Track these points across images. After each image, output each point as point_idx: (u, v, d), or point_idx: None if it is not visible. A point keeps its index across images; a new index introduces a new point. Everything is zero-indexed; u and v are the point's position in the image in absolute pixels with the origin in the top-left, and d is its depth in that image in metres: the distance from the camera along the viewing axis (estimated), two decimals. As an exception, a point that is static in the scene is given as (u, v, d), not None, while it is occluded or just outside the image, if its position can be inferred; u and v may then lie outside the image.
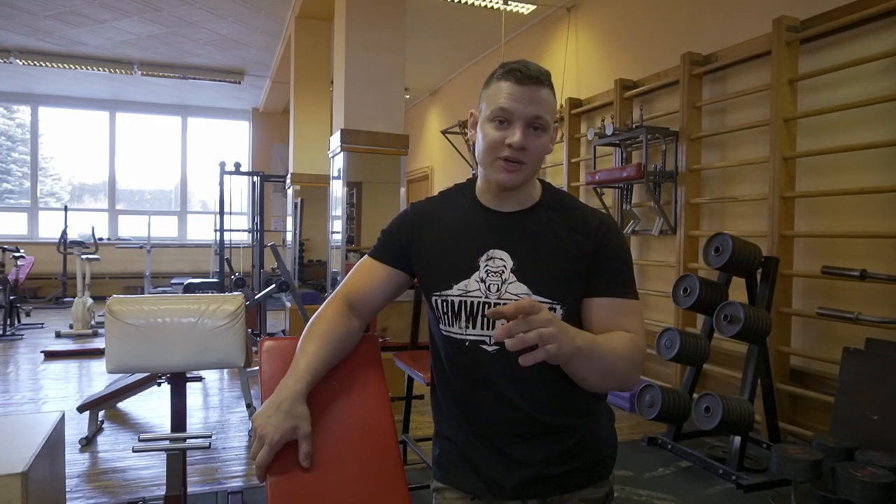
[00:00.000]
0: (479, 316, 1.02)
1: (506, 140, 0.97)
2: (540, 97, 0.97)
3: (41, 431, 1.77)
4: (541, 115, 0.97)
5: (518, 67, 0.97)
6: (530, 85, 0.97)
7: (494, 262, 1.03)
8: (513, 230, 1.05)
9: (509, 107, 0.96)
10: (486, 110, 1.00)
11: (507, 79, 0.97)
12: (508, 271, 1.02)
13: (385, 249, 1.13)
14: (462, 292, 1.03)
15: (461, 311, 1.03)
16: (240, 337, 1.86)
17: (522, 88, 0.96)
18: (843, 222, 3.08)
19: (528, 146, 0.97)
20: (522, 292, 1.01)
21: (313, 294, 5.89)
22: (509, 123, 0.97)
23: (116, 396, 3.37)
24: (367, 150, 4.08)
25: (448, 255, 1.06)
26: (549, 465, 1.02)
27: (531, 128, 0.98)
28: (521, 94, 0.96)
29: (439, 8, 5.61)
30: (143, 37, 6.84)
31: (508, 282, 1.01)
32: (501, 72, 0.99)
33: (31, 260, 7.48)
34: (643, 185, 4.19)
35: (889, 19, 2.88)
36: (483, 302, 1.02)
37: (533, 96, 0.97)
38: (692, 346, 3.05)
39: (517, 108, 0.96)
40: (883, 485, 2.09)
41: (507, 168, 0.99)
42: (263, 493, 1.02)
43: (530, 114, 0.97)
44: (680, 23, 4.18)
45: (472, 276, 1.03)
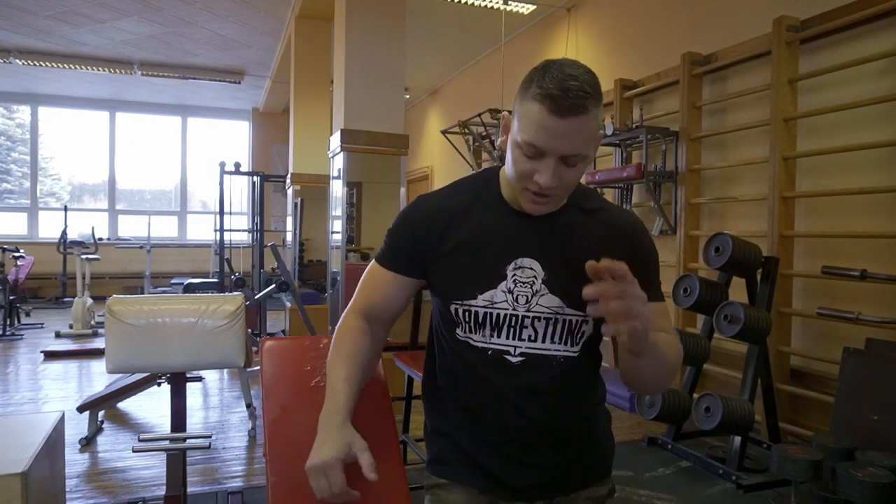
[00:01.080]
0: (504, 326, 0.96)
1: (534, 176, 0.88)
2: (579, 129, 0.84)
3: (41, 431, 1.77)
4: (577, 152, 0.86)
5: (556, 93, 0.82)
6: (569, 116, 0.83)
7: (524, 271, 0.96)
8: (543, 236, 0.97)
9: (541, 144, 0.85)
10: (517, 132, 0.88)
11: (543, 103, 0.83)
12: (539, 282, 0.95)
13: (397, 257, 1.03)
14: (487, 303, 0.96)
15: (486, 321, 0.97)
16: (240, 337, 1.86)
17: (559, 121, 0.83)
18: (843, 222, 3.08)
19: (561, 180, 0.88)
20: (555, 305, 0.95)
21: (313, 294, 5.90)
22: (541, 156, 0.87)
23: (116, 396, 3.37)
24: (367, 150, 4.08)
25: (471, 263, 0.97)
26: (558, 468, 1.01)
27: (565, 163, 0.87)
28: (557, 127, 0.83)
29: (439, 8, 5.61)
30: (143, 37, 6.84)
31: (540, 293, 0.95)
32: (538, 92, 0.84)
33: (31, 260, 7.48)
34: (643, 185, 4.19)
35: (889, 19, 2.88)
36: (510, 314, 0.96)
37: (571, 129, 0.84)
38: (692, 346, 3.05)
39: (550, 145, 0.85)
40: (883, 485, 2.09)
41: (535, 200, 0.91)
42: (263, 493, 1.02)
43: (565, 151, 0.86)
44: (680, 23, 4.18)
45: (499, 286, 0.96)
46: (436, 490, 1.06)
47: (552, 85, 0.83)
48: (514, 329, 0.96)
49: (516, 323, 0.96)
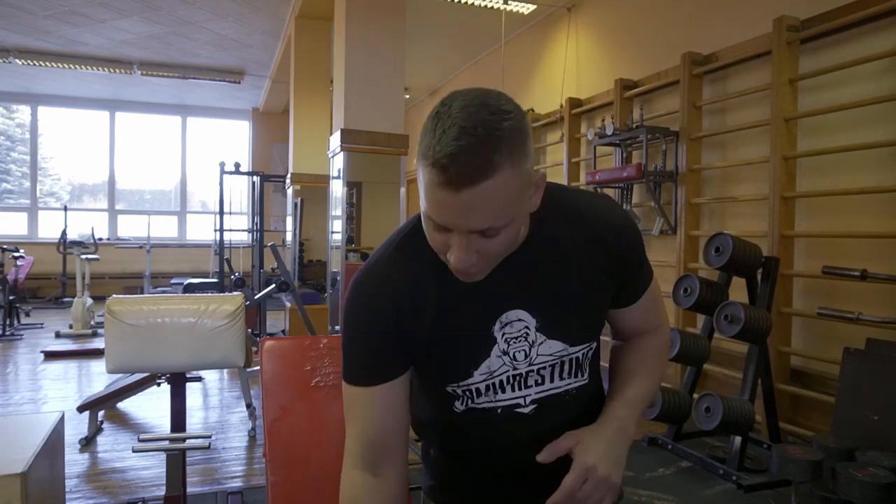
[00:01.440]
0: (507, 385, 0.87)
1: (447, 255, 0.74)
2: (484, 201, 0.67)
3: (41, 432, 1.77)
4: (487, 226, 0.69)
5: (444, 161, 0.65)
6: (465, 189, 0.65)
7: (513, 326, 0.84)
8: (519, 279, 0.83)
9: (440, 220, 0.70)
10: (421, 201, 0.72)
11: (432, 172, 0.67)
12: (534, 331, 0.85)
13: (376, 366, 0.85)
14: (486, 375, 0.86)
15: (488, 390, 0.87)
16: (240, 337, 1.86)
17: (454, 195, 0.66)
18: (843, 222, 3.08)
19: (481, 253, 0.73)
20: (557, 350, 0.86)
21: (313, 294, 5.90)
22: (448, 231, 0.72)
23: (116, 396, 3.37)
24: (367, 150, 4.08)
25: (455, 340, 0.84)
26: None
27: (482, 235, 0.71)
28: (454, 201, 0.67)
29: (439, 8, 5.61)
30: (143, 37, 6.83)
31: (538, 343, 0.85)
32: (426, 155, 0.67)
33: (31, 260, 7.48)
34: (643, 185, 4.19)
35: (889, 19, 2.87)
36: (512, 374, 0.86)
37: (472, 202, 0.66)
38: (692, 346, 3.05)
39: (451, 222, 0.69)
40: (883, 485, 2.08)
41: (458, 273, 0.77)
42: (263, 493, 1.01)
43: (471, 228, 0.69)
44: (680, 23, 4.18)
45: (493, 352, 0.85)
46: None
47: (439, 149, 0.66)
48: (520, 383, 0.87)
49: (520, 379, 0.87)
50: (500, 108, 0.68)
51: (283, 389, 1.27)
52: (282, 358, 1.18)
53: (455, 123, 0.66)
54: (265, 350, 1.21)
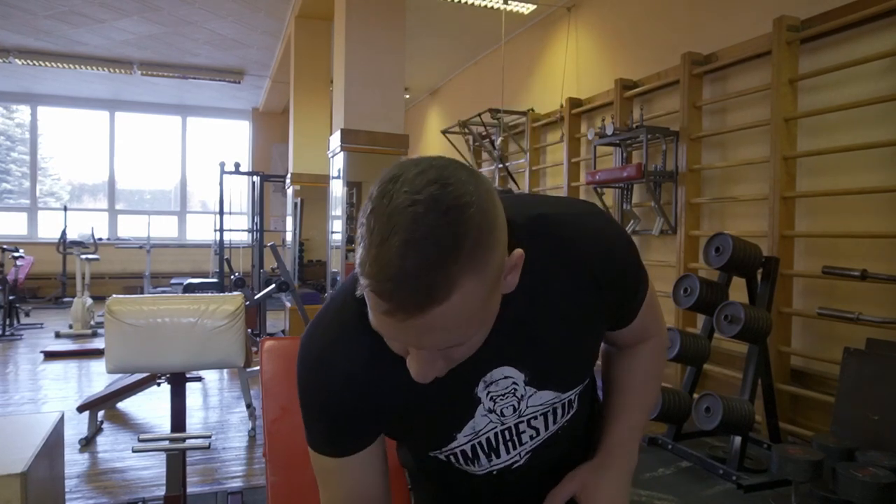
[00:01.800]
0: (500, 445, 0.79)
1: (407, 362, 0.62)
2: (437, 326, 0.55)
3: (40, 432, 1.77)
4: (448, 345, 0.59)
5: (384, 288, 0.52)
6: (411, 318, 0.53)
7: (499, 384, 0.75)
8: (505, 331, 0.69)
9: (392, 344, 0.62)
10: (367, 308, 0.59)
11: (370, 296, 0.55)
12: (522, 386, 0.76)
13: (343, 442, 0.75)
14: (471, 435, 0.78)
15: (477, 452, 0.79)
16: (240, 337, 1.86)
17: (400, 324, 0.55)
18: (843, 222, 3.08)
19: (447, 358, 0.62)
20: (548, 399, 0.78)
21: (313, 294, 5.90)
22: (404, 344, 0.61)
23: (116, 396, 3.37)
24: (367, 150, 4.08)
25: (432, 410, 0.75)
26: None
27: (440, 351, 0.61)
28: (400, 330, 0.56)
29: (439, 8, 5.61)
30: (143, 36, 6.84)
31: (527, 396, 0.77)
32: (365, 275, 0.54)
33: (31, 260, 7.48)
34: (643, 185, 4.19)
35: (889, 19, 2.87)
36: (501, 430, 0.78)
37: (423, 328, 0.55)
38: (692, 346, 3.05)
39: (405, 342, 0.59)
40: (884, 485, 2.08)
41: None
42: (263, 493, 1.01)
43: (430, 348, 0.59)
44: (680, 23, 4.18)
45: (477, 412, 0.76)
46: None
47: (377, 269, 0.52)
48: (512, 441, 0.80)
49: (512, 434, 0.79)
50: (458, 199, 0.53)
51: (283, 389, 1.28)
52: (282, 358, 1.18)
53: (397, 231, 0.51)
54: (265, 350, 1.22)
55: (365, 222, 0.55)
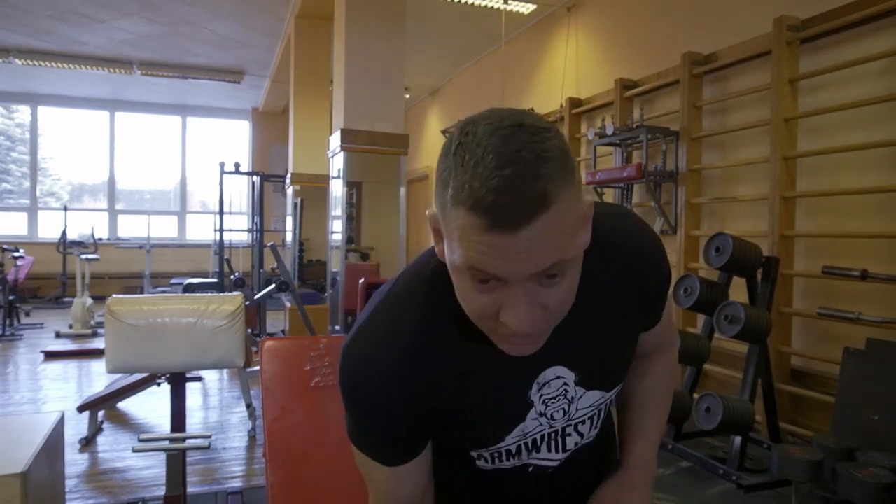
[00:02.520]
0: (542, 444, 0.78)
1: (500, 316, 0.58)
2: (541, 241, 0.53)
3: (40, 432, 1.77)
4: (552, 261, 0.55)
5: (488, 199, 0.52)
6: (520, 228, 0.52)
7: (551, 385, 0.74)
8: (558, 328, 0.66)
9: (489, 269, 0.55)
10: (451, 249, 0.57)
11: (475, 215, 0.53)
12: (573, 387, 0.75)
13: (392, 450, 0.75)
14: (519, 437, 0.76)
15: (521, 450, 0.78)
16: (240, 337, 1.86)
17: (507, 237, 0.53)
18: (843, 222, 3.08)
19: (544, 309, 0.59)
20: (596, 401, 0.79)
21: (313, 294, 5.90)
22: (497, 283, 0.57)
23: (116, 396, 3.37)
24: (367, 150, 4.08)
25: (483, 413, 0.73)
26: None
27: (540, 284, 0.57)
28: (507, 246, 0.53)
29: (439, 8, 5.61)
30: (143, 36, 6.84)
31: (577, 398, 0.76)
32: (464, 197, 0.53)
33: (31, 260, 7.48)
34: (643, 184, 4.19)
35: (889, 19, 2.87)
36: (548, 433, 0.78)
37: (529, 244, 0.53)
38: (692, 346, 3.05)
39: (506, 270, 0.55)
40: (884, 485, 2.08)
41: (513, 342, 0.62)
42: (263, 493, 1.01)
43: (532, 272, 0.55)
44: (680, 23, 4.18)
45: (528, 416, 0.75)
46: None
47: (478, 184, 0.52)
48: (557, 443, 0.79)
49: (558, 436, 0.79)
50: (539, 126, 0.55)
51: (283, 389, 1.28)
52: (282, 358, 1.18)
53: (490, 151, 0.53)
54: (265, 350, 1.22)
55: (452, 161, 0.55)
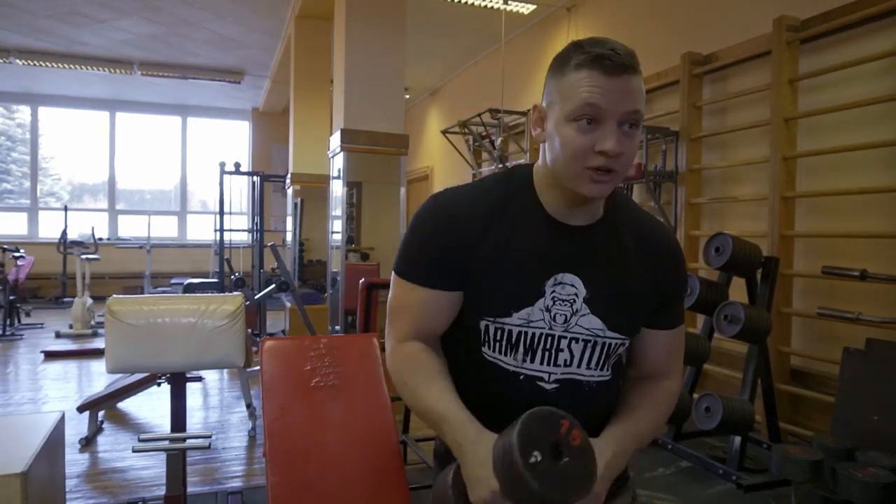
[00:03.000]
0: (539, 349, 0.88)
1: (596, 147, 0.79)
2: (634, 86, 0.79)
3: (41, 431, 1.77)
4: (636, 107, 0.80)
5: (606, 54, 0.78)
6: (623, 75, 0.78)
7: (564, 288, 0.87)
8: (585, 250, 0.88)
9: (601, 102, 0.78)
10: (565, 107, 0.81)
11: (592, 67, 0.78)
12: (580, 301, 0.87)
13: (435, 272, 0.89)
14: (524, 322, 0.87)
15: (519, 342, 0.88)
16: (240, 337, 1.86)
17: (614, 80, 0.78)
18: (843, 222, 3.08)
19: (624, 150, 0.80)
20: (595, 327, 0.88)
21: (313, 294, 5.90)
22: (598, 124, 0.79)
23: (116, 396, 3.37)
24: (367, 150, 4.08)
25: (507, 277, 0.87)
26: None
27: (625, 126, 0.80)
28: (613, 86, 0.78)
29: (439, 8, 5.61)
30: (143, 37, 6.84)
31: (580, 313, 0.88)
32: (583, 58, 0.79)
33: (31, 260, 7.47)
34: (643, 185, 4.19)
35: (889, 19, 2.87)
36: (546, 334, 0.88)
37: (627, 88, 0.79)
38: (692, 346, 3.05)
39: (610, 105, 0.78)
40: (884, 485, 2.08)
41: (597, 178, 0.81)
42: (263, 493, 1.02)
43: (626, 109, 0.79)
44: (680, 23, 4.18)
45: (537, 303, 0.87)
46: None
47: (599, 49, 0.79)
48: (550, 353, 0.88)
49: (552, 345, 0.88)
50: None
51: (283, 389, 1.27)
52: (282, 358, 1.18)
53: (598, 39, 0.80)
54: (265, 350, 1.22)
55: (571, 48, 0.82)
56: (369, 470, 1.09)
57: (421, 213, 0.91)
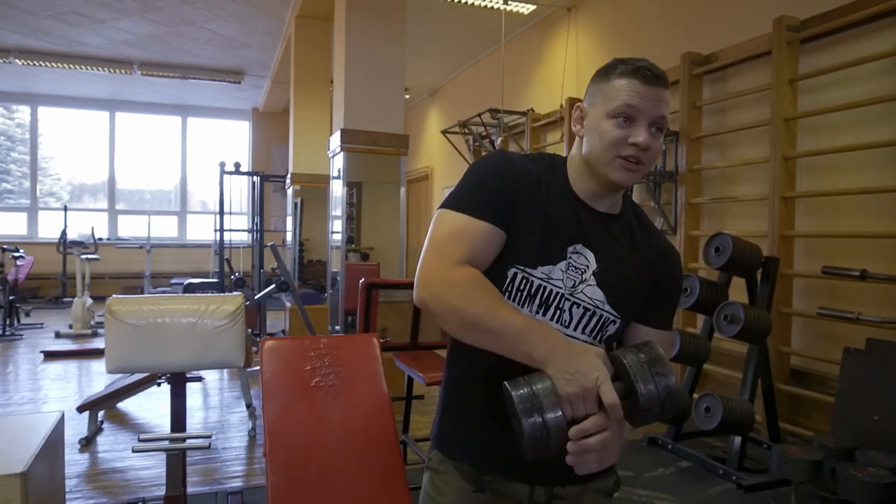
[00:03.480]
0: (552, 306, 0.99)
1: (629, 139, 0.95)
2: (664, 97, 0.98)
3: (41, 432, 1.77)
4: (665, 114, 0.97)
5: (646, 66, 0.96)
6: (658, 86, 0.96)
7: (580, 258, 1.00)
8: (601, 232, 1.02)
9: (638, 104, 0.95)
10: (607, 106, 0.97)
11: (633, 77, 0.96)
12: (590, 272, 1.00)
13: (490, 206, 0.98)
14: (545, 277, 0.99)
15: (537, 294, 0.99)
16: (240, 337, 1.86)
17: (650, 89, 0.95)
18: (843, 222, 3.08)
19: (651, 146, 0.97)
20: (598, 298, 1.00)
21: (313, 294, 5.90)
22: (633, 122, 0.96)
23: (116, 396, 3.37)
24: (367, 150, 4.08)
25: (541, 233, 1.00)
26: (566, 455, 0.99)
27: (653, 128, 0.97)
28: (649, 94, 0.95)
29: (439, 8, 5.61)
30: (143, 37, 6.84)
31: (587, 283, 1.00)
32: (626, 69, 0.97)
33: (31, 260, 7.47)
34: (643, 184, 4.20)
35: (889, 19, 2.88)
36: (559, 293, 0.99)
37: (659, 96, 0.96)
38: (692, 346, 3.05)
39: (645, 108, 0.95)
40: (884, 485, 2.08)
41: (626, 167, 0.97)
42: (263, 493, 1.01)
43: (656, 114, 0.96)
44: (680, 23, 4.18)
45: (559, 264, 0.99)
46: (434, 475, 1.06)
47: (640, 63, 0.97)
48: (559, 311, 0.99)
49: (561, 304, 0.99)
50: None
51: (283, 389, 1.27)
52: (282, 358, 1.18)
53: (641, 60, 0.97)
54: (265, 350, 1.22)
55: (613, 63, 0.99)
56: (369, 470, 1.09)
57: (481, 160, 1.04)
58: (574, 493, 1.03)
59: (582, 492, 1.03)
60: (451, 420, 1.08)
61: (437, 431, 1.09)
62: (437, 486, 1.05)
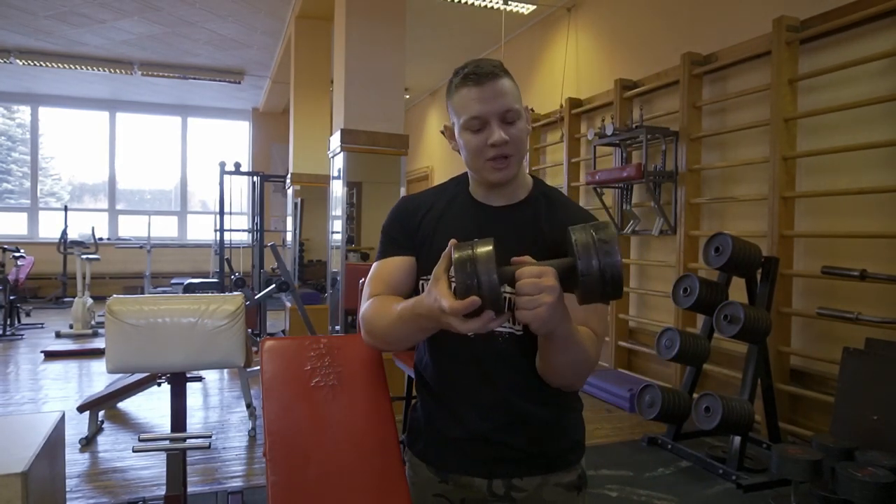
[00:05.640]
0: None
1: (488, 141, 1.00)
2: (502, 90, 0.99)
3: (41, 431, 1.77)
4: (509, 107, 0.99)
5: (472, 70, 1.00)
6: (489, 82, 0.99)
7: None
8: (499, 225, 1.06)
9: (479, 111, 0.99)
10: (459, 120, 1.03)
11: (465, 84, 1.00)
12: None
13: (394, 244, 1.12)
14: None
15: None
16: (240, 337, 1.86)
17: (483, 88, 0.99)
18: (843, 222, 3.08)
19: (510, 137, 1.00)
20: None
21: (313, 294, 5.90)
22: (484, 125, 1.00)
23: (116, 396, 3.37)
24: (367, 150, 4.08)
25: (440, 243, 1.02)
26: (521, 449, 1.05)
27: (505, 122, 1.00)
28: (484, 94, 0.99)
29: (439, 8, 5.61)
30: (143, 37, 6.84)
31: None
32: (458, 80, 1.02)
33: (31, 260, 7.48)
34: (643, 185, 4.20)
35: (889, 19, 2.88)
36: None
37: (495, 91, 0.99)
38: (692, 346, 3.05)
39: (486, 109, 0.99)
40: (883, 485, 2.09)
41: (496, 166, 1.02)
42: (263, 493, 1.02)
43: (500, 110, 0.99)
44: (680, 23, 4.18)
45: None
46: (409, 462, 1.19)
47: (466, 69, 1.01)
48: None
49: None
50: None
51: (283, 389, 1.27)
52: (282, 358, 1.19)
53: (470, 62, 1.02)
54: (265, 350, 1.22)
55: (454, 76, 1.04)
56: (370, 470, 1.09)
57: (391, 210, 1.16)
58: (534, 485, 1.05)
59: (542, 484, 1.06)
60: (413, 418, 1.18)
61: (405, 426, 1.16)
62: (414, 470, 1.16)
